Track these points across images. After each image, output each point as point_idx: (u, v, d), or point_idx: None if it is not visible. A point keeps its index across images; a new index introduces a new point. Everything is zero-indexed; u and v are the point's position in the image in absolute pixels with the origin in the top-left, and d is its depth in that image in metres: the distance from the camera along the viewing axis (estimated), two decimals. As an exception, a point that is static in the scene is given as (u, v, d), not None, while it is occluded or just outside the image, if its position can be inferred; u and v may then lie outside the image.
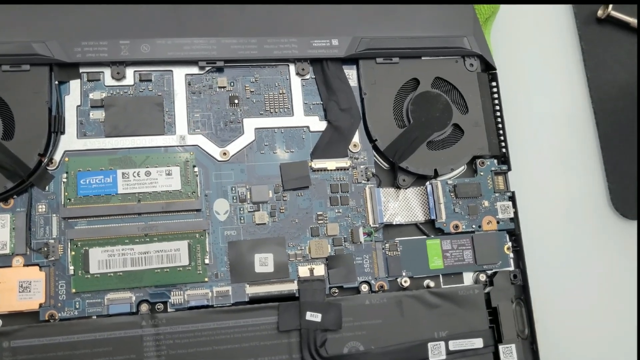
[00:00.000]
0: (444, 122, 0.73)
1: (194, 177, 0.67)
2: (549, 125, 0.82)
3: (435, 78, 0.74)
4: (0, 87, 0.65)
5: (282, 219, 0.68)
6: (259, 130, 0.70)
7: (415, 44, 0.73)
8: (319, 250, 0.67)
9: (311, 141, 0.71)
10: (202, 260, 0.65)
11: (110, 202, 0.65)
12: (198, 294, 0.64)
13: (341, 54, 0.72)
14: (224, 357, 0.63)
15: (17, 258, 0.63)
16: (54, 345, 0.61)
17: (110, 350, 0.61)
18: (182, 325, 0.63)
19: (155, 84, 0.69)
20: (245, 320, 0.64)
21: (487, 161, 0.73)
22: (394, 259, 0.69)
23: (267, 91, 0.71)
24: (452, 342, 0.67)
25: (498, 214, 0.72)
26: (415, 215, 0.71)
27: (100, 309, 0.63)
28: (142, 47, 0.68)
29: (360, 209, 0.70)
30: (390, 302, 0.67)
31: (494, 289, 0.69)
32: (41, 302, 0.62)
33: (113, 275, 0.63)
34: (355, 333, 0.66)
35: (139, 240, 0.64)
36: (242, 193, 0.68)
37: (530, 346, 0.69)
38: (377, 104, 0.72)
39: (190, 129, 0.69)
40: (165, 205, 0.65)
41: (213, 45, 0.69)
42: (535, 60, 0.84)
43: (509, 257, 0.71)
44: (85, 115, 0.67)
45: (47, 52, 0.66)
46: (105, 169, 0.65)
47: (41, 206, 0.64)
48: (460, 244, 0.70)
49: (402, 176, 0.71)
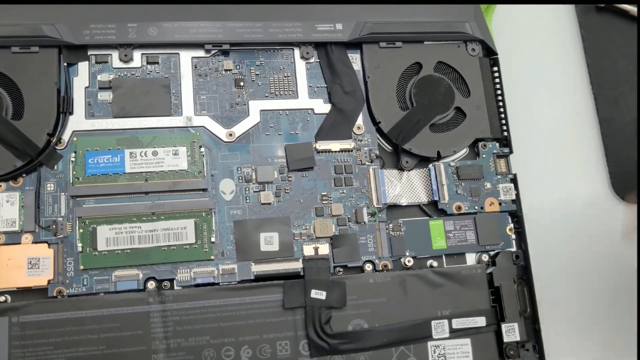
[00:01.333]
0: (447, 105, 0.74)
1: (200, 157, 0.68)
2: (550, 109, 0.83)
3: (437, 62, 0.75)
4: (10, 69, 0.66)
5: (287, 199, 0.69)
6: (264, 112, 0.71)
7: (418, 29, 0.74)
8: (323, 229, 0.68)
9: (315, 123, 0.72)
10: (208, 239, 0.66)
11: (117, 181, 0.66)
12: (204, 272, 0.65)
13: (345, 38, 0.73)
14: (230, 334, 0.64)
15: (26, 235, 0.63)
16: (62, 320, 0.62)
17: (117, 326, 0.62)
18: (189, 302, 0.64)
19: (162, 66, 0.70)
20: (251, 298, 0.65)
21: (489, 144, 0.74)
22: (398, 239, 0.70)
23: (272, 74, 0.72)
24: (455, 320, 0.68)
25: (500, 196, 0.72)
26: (419, 196, 0.72)
27: (108, 286, 0.63)
28: (149, 30, 0.69)
29: (364, 189, 0.71)
30: (394, 281, 0.68)
31: (496, 269, 0.70)
32: (49, 278, 0.63)
33: (120, 253, 0.64)
34: (359, 311, 0.66)
35: (146, 218, 0.65)
36: (247, 173, 0.69)
37: (532, 325, 0.70)
38: (380, 87, 0.73)
39: (197, 111, 0.70)
40: (172, 184, 0.66)
41: (219, 28, 0.71)
42: (537, 47, 0.85)
43: (511, 238, 0.72)
44: (94, 97, 0.68)
45: (56, 34, 0.67)
46: (112, 149, 0.66)
47: (50, 185, 0.65)
48: (462, 225, 0.71)
49: (405, 158, 0.72)
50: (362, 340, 0.65)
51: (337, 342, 0.65)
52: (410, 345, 0.67)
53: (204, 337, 0.63)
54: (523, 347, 0.69)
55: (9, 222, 0.63)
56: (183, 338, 0.63)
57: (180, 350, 0.63)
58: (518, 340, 0.68)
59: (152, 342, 0.62)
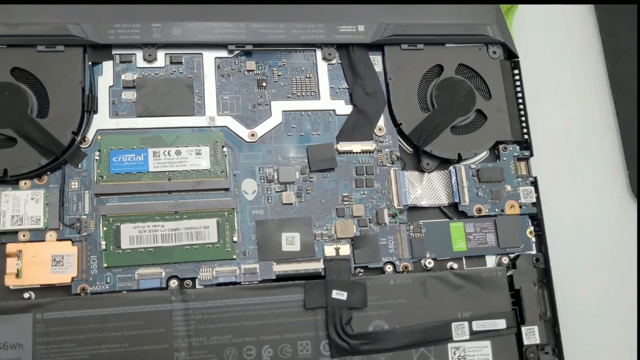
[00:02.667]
0: (468, 108, 0.74)
1: (222, 157, 0.68)
2: (570, 113, 0.83)
3: (458, 65, 0.75)
4: (36, 67, 0.67)
5: (309, 200, 0.69)
6: (286, 113, 0.71)
7: (440, 31, 0.75)
8: (344, 230, 0.69)
9: (337, 124, 0.72)
10: (230, 238, 0.66)
11: (141, 180, 0.66)
12: (226, 271, 0.65)
13: (367, 40, 0.73)
14: (251, 333, 0.64)
15: (51, 233, 0.64)
16: (85, 317, 0.62)
17: (140, 324, 0.63)
18: (211, 301, 0.64)
19: (185, 66, 0.71)
20: (272, 298, 0.65)
21: (509, 147, 0.74)
22: (418, 241, 0.70)
23: (294, 75, 0.73)
24: (476, 322, 0.68)
25: (520, 199, 0.73)
26: (439, 198, 0.72)
27: (131, 284, 0.64)
28: (173, 30, 0.70)
29: (385, 191, 0.71)
30: (415, 283, 0.68)
31: (517, 271, 0.70)
32: (73, 276, 0.63)
33: (144, 251, 0.65)
34: (380, 312, 0.67)
35: (169, 217, 0.66)
36: (269, 174, 0.69)
37: (552, 329, 0.70)
38: (401, 89, 0.73)
39: (219, 111, 0.70)
40: (195, 183, 0.67)
41: (242, 29, 0.71)
42: (556, 50, 0.85)
43: (531, 241, 0.72)
44: (118, 96, 0.69)
45: (82, 34, 0.68)
46: (136, 148, 0.67)
47: (74, 183, 0.66)
48: (483, 227, 0.71)
49: (426, 160, 0.72)
50: (382, 341, 0.66)
51: (358, 343, 0.65)
52: (430, 347, 0.67)
53: (226, 336, 0.64)
54: (543, 350, 0.69)
55: (33, 220, 0.63)
56: (205, 337, 0.63)
57: (202, 348, 0.63)
58: (538, 343, 0.68)
59: (175, 341, 0.63)
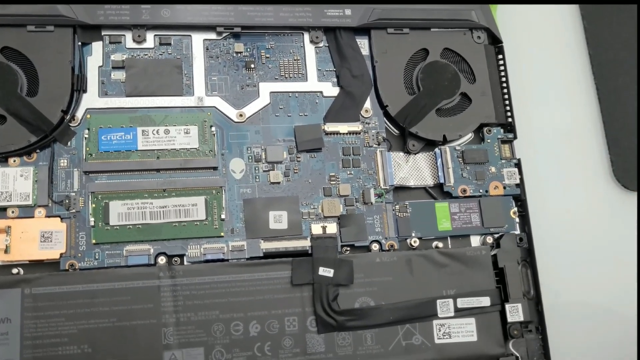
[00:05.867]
0: (452, 91, 0.75)
1: (211, 136, 0.69)
2: (553, 98, 0.84)
3: (444, 49, 0.77)
4: (26, 47, 0.68)
5: (296, 179, 0.70)
6: (274, 94, 0.72)
7: (425, 16, 0.76)
8: (331, 209, 0.69)
9: (324, 106, 0.73)
10: (218, 216, 0.67)
11: (130, 158, 0.67)
12: (214, 248, 0.66)
13: (354, 24, 0.74)
14: (239, 309, 0.65)
15: (40, 209, 0.64)
16: (73, 293, 0.62)
17: (128, 300, 0.63)
18: (199, 277, 0.65)
19: (174, 47, 0.72)
20: (260, 274, 0.66)
21: (493, 129, 0.75)
22: (404, 220, 0.71)
23: (281, 57, 0.74)
24: (460, 299, 0.69)
25: (504, 180, 0.74)
26: (425, 179, 0.73)
27: (119, 260, 0.64)
28: (162, 11, 0.71)
29: (371, 171, 0.72)
30: (400, 261, 0.69)
31: (501, 251, 0.71)
32: (62, 252, 0.64)
33: (132, 228, 0.65)
34: (366, 289, 0.67)
35: (157, 195, 0.66)
36: (257, 153, 0.70)
37: (535, 307, 0.71)
38: (388, 72, 0.75)
39: (208, 91, 0.71)
40: (183, 162, 0.67)
41: (230, 11, 0.72)
42: (540, 36, 0.87)
43: (515, 222, 0.73)
44: (107, 76, 0.70)
45: (71, 14, 0.68)
46: (125, 127, 0.68)
47: (63, 161, 0.66)
48: (467, 208, 0.72)
49: (412, 141, 0.73)
50: (368, 317, 0.66)
51: (344, 319, 0.66)
52: (415, 324, 0.68)
53: (213, 311, 0.64)
54: (526, 328, 0.70)
55: (22, 196, 0.64)
56: (193, 312, 0.64)
57: (189, 324, 0.63)
58: (522, 321, 0.69)
59: (162, 316, 0.63)
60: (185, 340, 0.63)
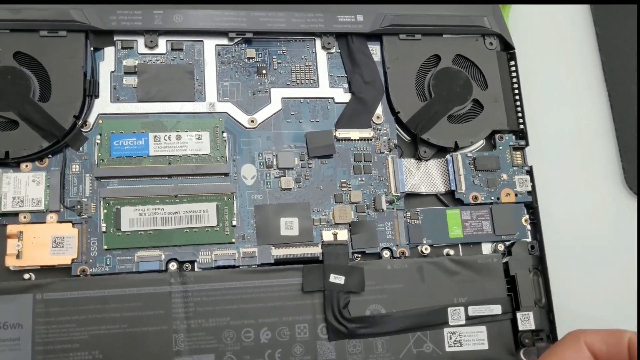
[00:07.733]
0: (464, 97, 0.75)
1: (222, 142, 0.69)
2: (565, 105, 0.84)
3: (456, 55, 0.76)
4: (38, 52, 0.68)
5: (307, 185, 0.70)
6: (286, 100, 0.72)
7: (437, 22, 0.76)
8: (342, 216, 0.69)
9: (336, 112, 0.73)
10: (229, 222, 0.67)
11: (141, 164, 0.67)
12: (225, 254, 0.66)
13: (365, 30, 0.74)
14: (249, 316, 0.64)
15: (51, 215, 0.64)
16: (85, 298, 0.62)
17: (139, 305, 0.63)
18: (210, 284, 0.64)
19: (186, 53, 0.72)
20: (271, 281, 0.66)
21: (505, 136, 0.75)
22: (415, 227, 0.71)
23: (293, 63, 0.74)
24: (472, 307, 0.68)
25: (516, 187, 0.73)
26: (436, 185, 0.73)
27: (130, 266, 0.64)
28: (174, 17, 0.71)
29: (382, 178, 0.72)
30: (412, 268, 0.69)
31: (512, 258, 0.71)
32: (73, 257, 0.64)
33: (143, 234, 0.65)
34: (377, 296, 0.67)
35: (169, 200, 0.66)
36: (268, 159, 0.70)
37: (547, 315, 0.70)
38: (399, 78, 0.74)
39: (220, 97, 0.71)
40: (195, 168, 0.67)
41: (243, 17, 0.72)
42: (552, 43, 0.86)
43: (527, 229, 0.73)
44: (119, 81, 0.70)
45: (84, 19, 0.68)
46: (137, 132, 0.68)
47: (75, 166, 0.66)
48: (479, 215, 0.72)
49: (424, 148, 0.73)
50: (379, 325, 0.66)
51: (355, 327, 0.66)
52: (426, 331, 0.67)
53: (224, 318, 0.64)
54: (537, 336, 0.70)
55: (34, 202, 0.64)
56: (203, 319, 0.64)
57: (200, 330, 0.63)
58: (533, 329, 0.69)
59: (173, 322, 0.63)
60: (196, 346, 0.63)
